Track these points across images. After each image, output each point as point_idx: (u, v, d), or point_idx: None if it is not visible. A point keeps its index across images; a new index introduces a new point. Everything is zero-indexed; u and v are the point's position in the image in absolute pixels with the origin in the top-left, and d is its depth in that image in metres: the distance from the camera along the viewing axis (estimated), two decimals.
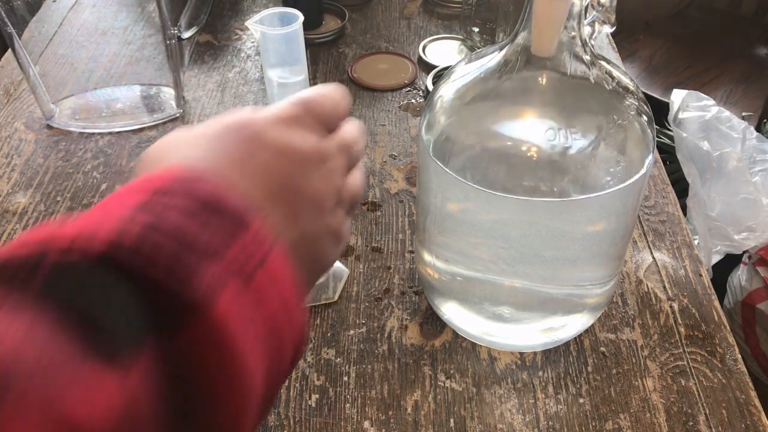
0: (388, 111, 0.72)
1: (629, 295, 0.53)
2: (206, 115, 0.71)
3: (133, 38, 0.79)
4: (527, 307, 0.46)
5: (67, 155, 0.66)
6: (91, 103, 0.72)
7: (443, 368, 0.48)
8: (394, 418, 0.45)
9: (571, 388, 0.47)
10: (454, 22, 0.87)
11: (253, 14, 0.89)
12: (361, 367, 0.48)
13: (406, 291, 0.53)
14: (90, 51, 0.78)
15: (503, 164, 0.40)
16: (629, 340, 0.50)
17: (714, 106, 0.87)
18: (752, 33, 1.61)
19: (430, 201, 0.44)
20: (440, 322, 0.50)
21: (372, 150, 0.67)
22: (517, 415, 0.45)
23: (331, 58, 0.80)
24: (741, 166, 0.83)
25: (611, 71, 0.41)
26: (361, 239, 0.57)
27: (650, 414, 0.45)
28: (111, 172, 0.64)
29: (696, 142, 0.84)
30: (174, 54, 0.69)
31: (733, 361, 0.48)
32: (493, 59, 0.41)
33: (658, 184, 0.63)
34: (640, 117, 0.41)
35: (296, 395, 0.46)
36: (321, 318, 0.51)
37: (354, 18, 0.87)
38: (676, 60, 1.55)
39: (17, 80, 0.75)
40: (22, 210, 0.60)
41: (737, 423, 0.45)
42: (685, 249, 0.57)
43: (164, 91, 0.73)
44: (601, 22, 0.46)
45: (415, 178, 0.63)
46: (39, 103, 0.69)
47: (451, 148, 0.41)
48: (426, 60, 0.79)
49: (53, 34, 0.79)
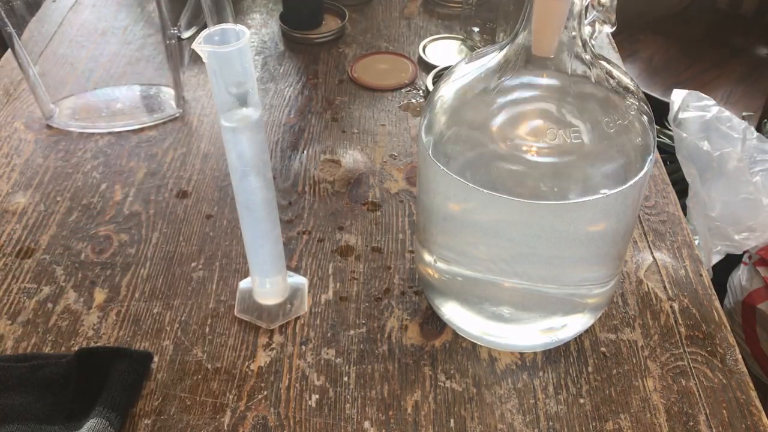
0: (388, 111, 0.72)
1: (629, 295, 0.53)
2: (206, 115, 0.71)
3: (133, 38, 0.79)
4: (527, 308, 0.46)
5: (67, 155, 0.66)
6: (91, 103, 0.72)
7: (443, 368, 0.48)
8: (394, 419, 0.45)
9: (571, 388, 0.47)
10: (454, 22, 0.87)
11: (253, 14, 0.89)
12: (361, 367, 0.48)
13: (406, 291, 0.53)
14: (90, 51, 0.78)
15: (503, 164, 0.40)
16: (629, 341, 0.49)
17: (714, 106, 0.87)
18: (752, 33, 1.61)
19: (430, 201, 0.44)
20: (440, 322, 0.50)
21: (372, 150, 0.67)
22: (518, 416, 0.45)
23: (331, 58, 0.80)
24: (741, 166, 0.83)
25: (612, 71, 0.41)
26: (361, 239, 0.57)
27: (651, 414, 0.45)
28: (111, 172, 0.64)
29: (696, 142, 0.84)
30: (174, 54, 0.69)
31: (734, 362, 0.48)
32: (494, 59, 0.41)
33: (659, 184, 0.63)
34: (641, 117, 0.41)
35: (296, 395, 0.46)
36: (321, 318, 0.51)
37: (354, 18, 0.87)
38: (676, 60, 1.55)
39: (17, 80, 0.75)
40: (21, 210, 0.60)
41: (738, 423, 0.44)
42: (686, 249, 0.57)
43: (164, 91, 0.73)
44: (602, 22, 0.46)
45: (415, 178, 0.63)
46: (39, 103, 0.69)
47: (451, 148, 0.41)
48: (426, 60, 0.79)
49: (53, 34, 0.79)
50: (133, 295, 0.53)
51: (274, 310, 0.51)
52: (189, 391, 0.46)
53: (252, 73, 0.39)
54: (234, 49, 0.37)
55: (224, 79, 0.38)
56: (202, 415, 0.45)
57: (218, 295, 0.53)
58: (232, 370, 0.47)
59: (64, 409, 0.44)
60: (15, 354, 0.48)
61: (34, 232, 0.58)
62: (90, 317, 0.51)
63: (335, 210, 0.60)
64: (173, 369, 0.47)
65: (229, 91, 0.39)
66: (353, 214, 0.60)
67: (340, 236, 0.58)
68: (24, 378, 0.45)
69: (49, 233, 0.58)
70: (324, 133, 0.69)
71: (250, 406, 0.45)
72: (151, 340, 0.49)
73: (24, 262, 0.55)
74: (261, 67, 0.79)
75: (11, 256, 0.56)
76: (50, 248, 0.56)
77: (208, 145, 0.67)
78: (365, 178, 0.63)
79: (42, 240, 0.57)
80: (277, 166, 0.65)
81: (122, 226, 0.58)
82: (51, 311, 0.51)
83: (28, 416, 0.44)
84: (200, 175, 0.64)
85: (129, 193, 0.61)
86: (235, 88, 0.39)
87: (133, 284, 0.53)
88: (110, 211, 0.60)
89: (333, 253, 0.56)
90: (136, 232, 0.58)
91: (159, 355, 0.48)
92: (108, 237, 0.57)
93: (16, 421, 0.43)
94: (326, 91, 0.75)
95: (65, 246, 0.56)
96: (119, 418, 0.43)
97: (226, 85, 0.39)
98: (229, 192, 0.62)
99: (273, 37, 0.84)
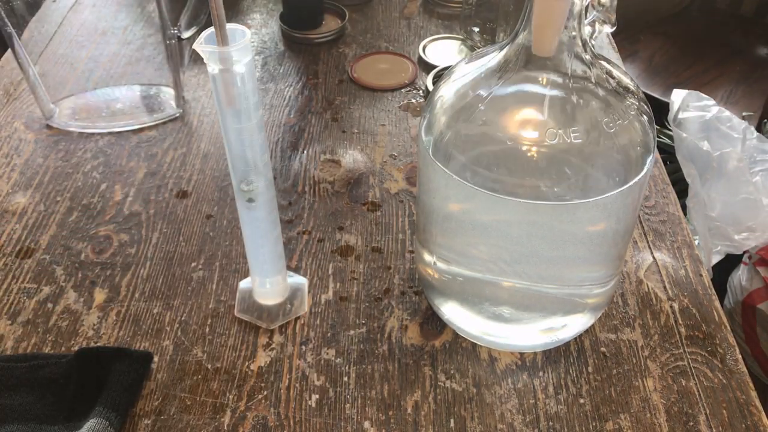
0: (388, 111, 0.72)
1: (629, 295, 0.53)
2: (206, 115, 0.71)
3: (133, 38, 0.79)
4: (527, 308, 0.46)
5: (67, 155, 0.66)
6: (91, 103, 0.72)
7: (443, 368, 0.48)
8: (394, 419, 0.45)
9: (571, 388, 0.47)
10: (454, 22, 0.87)
11: (253, 14, 0.89)
12: (361, 367, 0.48)
13: (406, 291, 0.53)
14: (90, 51, 0.78)
15: (503, 165, 0.40)
16: (630, 341, 0.49)
17: (714, 106, 0.87)
18: (752, 33, 1.61)
19: (430, 201, 0.44)
20: (440, 322, 0.50)
21: (372, 150, 0.67)
22: (518, 416, 0.45)
23: (331, 58, 0.80)
24: (741, 166, 0.83)
25: (612, 71, 0.41)
26: (361, 239, 0.57)
27: (651, 414, 0.45)
28: (111, 172, 0.64)
29: (696, 142, 0.84)
30: (174, 54, 0.69)
31: (734, 362, 0.48)
32: (494, 59, 0.41)
33: (659, 184, 0.63)
34: (641, 117, 0.41)
35: (296, 395, 0.46)
36: (321, 318, 0.51)
37: (354, 18, 0.87)
38: (676, 60, 1.55)
39: (17, 80, 0.75)
40: (21, 210, 0.60)
41: (738, 423, 0.45)
42: (686, 249, 0.57)
43: (164, 91, 0.73)
44: (602, 22, 0.46)
45: (415, 178, 0.63)
46: (39, 103, 0.69)
47: (451, 148, 0.41)
48: (426, 60, 0.79)
49: (53, 34, 0.79)
50: (133, 295, 0.53)
51: (274, 310, 0.51)
52: (189, 391, 0.46)
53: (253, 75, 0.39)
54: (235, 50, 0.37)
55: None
56: (202, 415, 0.45)
57: (218, 295, 0.53)
58: (232, 370, 0.47)
59: (64, 409, 0.44)
60: (15, 354, 0.48)
61: (34, 232, 0.58)
62: (90, 317, 0.51)
63: (335, 210, 0.60)
64: (173, 369, 0.47)
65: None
66: (353, 214, 0.60)
67: (340, 236, 0.58)
68: (24, 378, 0.45)
69: (49, 233, 0.58)
70: (324, 133, 0.69)
71: (250, 406, 0.45)
72: (151, 340, 0.49)
73: (24, 262, 0.55)
74: (261, 67, 0.79)
75: (11, 256, 0.56)
76: (50, 248, 0.56)
77: (208, 145, 0.67)
78: (365, 178, 0.63)
79: (42, 240, 0.57)
80: (277, 166, 0.65)
81: (122, 226, 0.58)
82: (51, 311, 0.51)
83: (28, 416, 0.44)
84: (200, 175, 0.64)
85: (129, 193, 0.61)
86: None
87: (133, 284, 0.53)
88: (110, 211, 0.60)
89: (333, 253, 0.56)
90: (136, 232, 0.58)
91: (159, 355, 0.48)
92: (108, 237, 0.57)
93: (16, 421, 0.43)
94: (326, 91, 0.75)
95: (65, 246, 0.56)
96: (119, 418, 0.43)
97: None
98: (229, 192, 0.62)
99: (273, 37, 0.84)
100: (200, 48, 0.37)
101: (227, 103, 0.39)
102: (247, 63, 0.38)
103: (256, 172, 0.43)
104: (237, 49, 0.37)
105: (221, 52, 0.37)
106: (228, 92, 0.39)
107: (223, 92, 0.39)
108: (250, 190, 0.43)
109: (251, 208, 0.45)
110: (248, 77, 0.39)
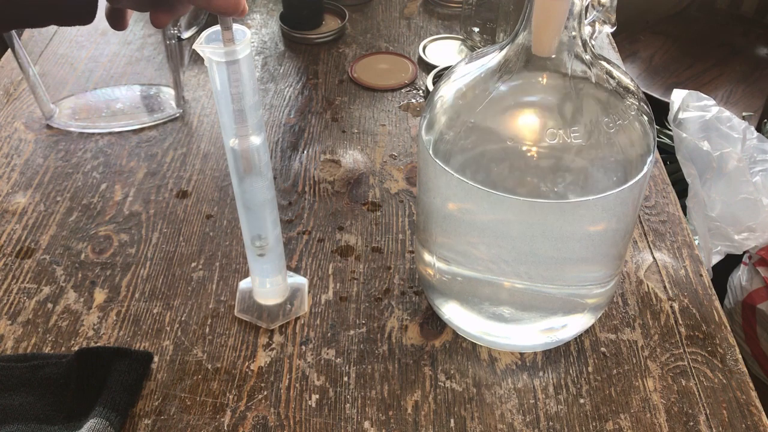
0: (388, 111, 0.72)
1: (630, 295, 0.53)
2: (206, 115, 0.71)
3: (133, 38, 0.79)
4: (527, 308, 0.46)
5: (67, 155, 0.66)
6: (91, 103, 0.72)
7: (443, 368, 0.48)
8: (394, 419, 0.45)
9: (571, 388, 0.47)
10: (454, 22, 0.87)
11: (253, 14, 0.89)
12: (361, 367, 0.48)
13: (406, 291, 0.53)
14: (90, 51, 0.78)
15: (504, 164, 0.40)
16: (630, 341, 0.49)
17: (714, 106, 0.87)
18: (752, 33, 1.61)
19: (431, 201, 0.44)
20: (440, 322, 0.50)
21: (372, 150, 0.67)
22: (518, 416, 0.45)
23: (331, 58, 0.80)
24: (741, 166, 0.83)
25: (611, 71, 0.41)
26: (361, 239, 0.57)
27: (651, 414, 0.45)
28: (111, 172, 0.64)
29: (696, 142, 0.84)
30: (174, 54, 0.69)
31: (734, 362, 0.48)
32: (494, 59, 0.41)
33: (659, 184, 0.63)
34: (641, 117, 0.41)
35: (296, 395, 0.46)
36: (321, 318, 0.51)
37: (354, 18, 0.87)
38: (676, 60, 1.55)
39: (17, 80, 0.75)
40: (21, 210, 0.60)
41: (738, 423, 0.44)
42: (686, 249, 0.57)
43: (164, 91, 0.73)
44: (602, 22, 0.46)
45: (415, 178, 0.63)
46: (39, 103, 0.69)
47: (451, 148, 0.41)
48: (426, 60, 0.79)
49: (53, 34, 0.79)
50: (133, 295, 0.53)
51: (274, 310, 0.51)
52: (189, 391, 0.46)
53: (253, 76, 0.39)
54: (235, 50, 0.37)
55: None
56: (202, 415, 0.45)
57: (218, 295, 0.53)
58: (232, 370, 0.47)
59: (64, 409, 0.44)
60: (15, 354, 0.48)
61: (34, 232, 0.58)
62: (90, 317, 0.51)
63: (335, 210, 0.60)
64: (173, 369, 0.47)
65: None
66: (353, 214, 0.60)
67: (340, 236, 0.58)
68: (24, 378, 0.45)
69: (49, 233, 0.58)
70: (324, 133, 0.69)
71: (250, 406, 0.45)
72: (151, 340, 0.49)
73: (24, 262, 0.55)
74: (261, 67, 0.79)
75: (11, 256, 0.56)
76: (50, 248, 0.56)
77: (208, 145, 0.67)
78: (365, 178, 0.63)
79: (42, 240, 0.57)
80: (277, 166, 0.65)
81: (122, 226, 0.58)
82: (51, 311, 0.51)
83: (28, 416, 0.44)
84: (200, 175, 0.64)
85: (129, 193, 0.61)
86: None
87: (133, 284, 0.53)
88: (110, 211, 0.60)
89: (333, 253, 0.56)
90: (136, 232, 0.58)
91: (159, 355, 0.48)
92: (108, 237, 0.57)
93: (16, 421, 0.43)
94: (326, 91, 0.75)
95: (65, 246, 0.56)
96: (119, 418, 0.43)
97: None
98: (229, 192, 0.62)
99: (273, 37, 0.84)
100: (200, 48, 0.37)
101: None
102: (246, 59, 0.38)
103: (256, 172, 0.43)
104: (237, 48, 0.37)
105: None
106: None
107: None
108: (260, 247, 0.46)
109: (251, 208, 0.45)
110: (248, 75, 0.39)
